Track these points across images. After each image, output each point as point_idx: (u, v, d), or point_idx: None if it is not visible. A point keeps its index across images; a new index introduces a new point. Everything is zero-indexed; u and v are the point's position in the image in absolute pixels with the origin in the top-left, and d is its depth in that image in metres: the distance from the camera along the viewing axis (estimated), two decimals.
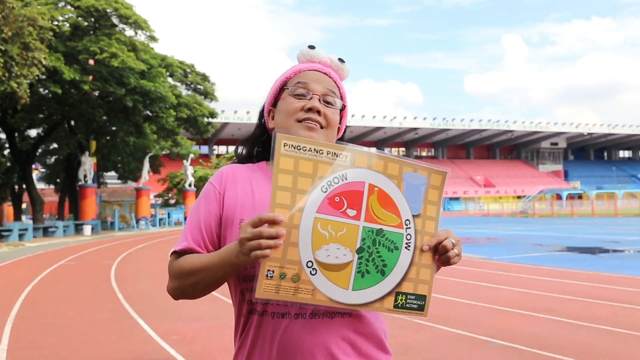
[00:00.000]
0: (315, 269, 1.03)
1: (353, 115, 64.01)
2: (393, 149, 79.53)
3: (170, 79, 32.92)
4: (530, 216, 40.67)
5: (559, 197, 60.10)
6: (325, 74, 1.31)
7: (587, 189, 66.40)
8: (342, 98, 1.33)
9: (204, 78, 36.00)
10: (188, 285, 1.20)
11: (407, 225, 1.12)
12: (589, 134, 75.25)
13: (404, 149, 79.12)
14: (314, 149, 1.06)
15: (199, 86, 35.94)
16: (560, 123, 74.29)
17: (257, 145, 1.37)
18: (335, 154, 1.07)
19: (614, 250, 13.65)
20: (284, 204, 1.02)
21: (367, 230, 1.07)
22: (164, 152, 37.45)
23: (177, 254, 1.25)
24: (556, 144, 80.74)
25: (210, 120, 36.57)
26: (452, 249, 1.15)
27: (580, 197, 59.70)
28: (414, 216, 1.13)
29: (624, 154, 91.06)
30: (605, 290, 7.52)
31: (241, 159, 1.38)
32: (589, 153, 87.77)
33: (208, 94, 36.10)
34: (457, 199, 67.84)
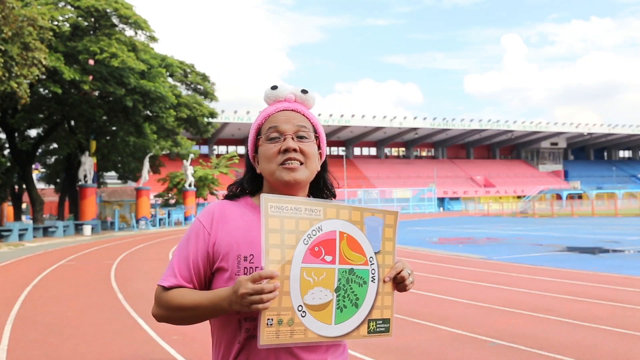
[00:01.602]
0: (305, 312, 1.20)
1: (353, 116, 64.02)
2: (393, 149, 79.58)
3: (170, 79, 32.93)
4: (530, 216, 40.66)
5: (559, 197, 60.12)
6: (293, 110, 1.40)
7: (587, 189, 66.42)
8: (314, 127, 1.42)
9: (204, 78, 36.00)
10: (175, 317, 1.34)
11: (371, 261, 1.31)
12: (589, 134, 75.25)
13: (404, 149, 79.13)
14: (294, 207, 1.23)
15: (199, 86, 35.95)
16: (560, 123, 74.27)
17: (251, 186, 1.47)
18: (311, 210, 1.25)
19: (614, 250, 13.65)
20: (275, 259, 1.18)
21: (341, 272, 1.26)
22: (164, 152, 37.43)
23: (165, 288, 1.35)
24: (556, 144, 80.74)
25: (210, 120, 36.57)
26: (408, 277, 1.37)
27: (580, 197, 59.72)
28: (375, 253, 1.32)
29: (624, 154, 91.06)
30: (605, 290, 7.52)
31: (231, 197, 1.48)
32: (589, 153, 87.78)
33: (208, 94, 36.11)
34: (457, 199, 67.84)
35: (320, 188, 1.49)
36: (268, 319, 1.16)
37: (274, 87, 1.42)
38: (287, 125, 1.37)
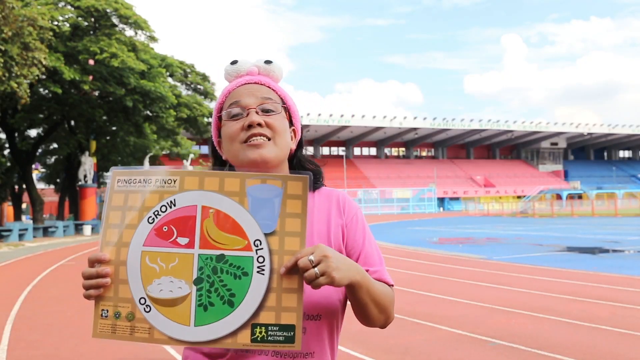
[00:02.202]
0: (149, 306, 0.98)
1: (353, 116, 63.99)
2: (393, 149, 79.57)
3: (170, 79, 32.92)
4: (530, 216, 40.66)
5: (559, 197, 60.10)
6: (256, 83, 1.23)
7: (587, 189, 66.39)
8: (283, 100, 1.25)
9: (204, 78, 36.00)
10: None
11: (257, 246, 0.99)
12: (589, 134, 75.23)
13: (404, 149, 79.12)
14: (144, 179, 1.02)
15: (199, 86, 35.94)
16: (560, 123, 74.26)
17: None
18: (164, 181, 1.02)
19: (614, 250, 13.65)
20: (112, 241, 1.01)
21: (204, 258, 0.99)
22: (164, 152, 37.46)
23: None
24: (556, 144, 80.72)
25: (211, 120, 36.53)
26: (311, 268, 0.98)
27: (580, 197, 59.70)
28: (266, 235, 1.00)
29: (624, 154, 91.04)
30: (605, 290, 7.52)
31: None
32: (589, 153, 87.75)
33: (208, 94, 36.10)
34: (457, 199, 67.83)
35: (303, 166, 1.30)
36: (102, 310, 1.00)
37: (234, 62, 1.26)
38: (249, 98, 1.20)
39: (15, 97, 19.25)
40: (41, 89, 25.43)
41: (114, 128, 30.93)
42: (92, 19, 25.45)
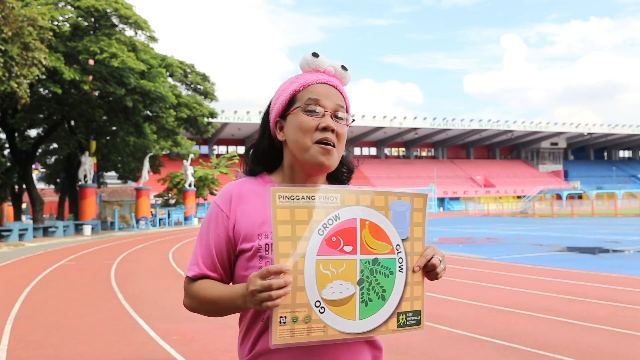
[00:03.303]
0: (324, 307, 1.12)
1: (353, 116, 63.90)
2: (393, 149, 79.55)
3: (170, 79, 32.93)
4: (530, 216, 40.66)
5: (559, 197, 60.12)
6: (332, 85, 1.31)
7: (587, 189, 66.41)
8: (347, 110, 1.34)
9: (204, 78, 36.01)
10: (201, 309, 1.31)
11: (397, 250, 1.21)
12: (589, 134, 75.23)
13: (404, 149, 79.11)
14: (307, 196, 1.15)
15: (199, 86, 35.95)
16: (560, 123, 74.25)
17: (268, 159, 1.38)
18: (326, 198, 1.17)
19: (614, 250, 13.65)
20: (286, 252, 1.11)
21: (364, 262, 1.17)
22: (164, 152, 37.43)
23: (191, 278, 1.32)
24: (556, 144, 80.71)
25: (210, 120, 36.57)
26: (439, 264, 1.26)
27: (580, 197, 59.72)
28: (403, 240, 1.22)
29: (624, 154, 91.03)
30: (605, 290, 7.52)
31: (250, 173, 1.39)
32: (589, 153, 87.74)
33: (208, 94, 36.11)
34: (457, 199, 67.83)
35: (340, 165, 1.38)
36: (281, 317, 1.10)
37: (316, 55, 1.32)
38: (327, 101, 1.27)
39: (15, 97, 19.24)
40: (41, 89, 25.42)
41: (114, 128, 30.91)
42: (92, 19, 25.45)
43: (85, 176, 29.63)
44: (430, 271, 1.25)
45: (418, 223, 1.25)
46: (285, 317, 1.10)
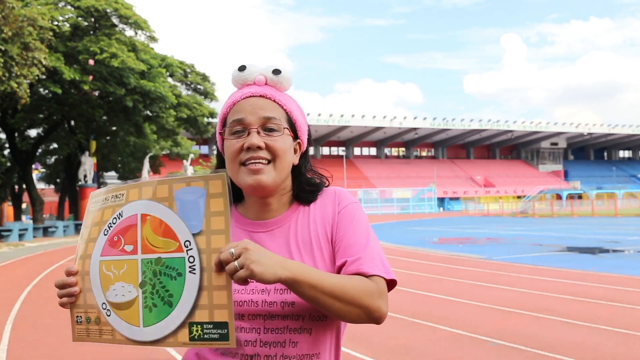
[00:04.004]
0: (109, 310, 1.07)
1: (353, 116, 64.00)
2: (393, 149, 79.56)
3: (170, 79, 32.93)
4: (530, 216, 40.65)
5: (559, 197, 60.09)
6: (261, 96, 1.19)
7: (587, 189, 66.37)
8: (289, 114, 1.21)
9: (204, 78, 36.00)
10: None
11: (187, 247, 1.02)
12: (589, 134, 75.24)
13: (404, 149, 79.13)
14: (104, 198, 1.13)
15: (199, 86, 35.95)
16: (560, 123, 74.25)
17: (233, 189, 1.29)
18: (116, 196, 1.11)
19: (614, 250, 13.65)
20: (79, 254, 1.14)
21: (145, 262, 1.04)
22: (164, 152, 37.46)
23: None
24: (556, 144, 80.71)
25: (210, 120, 36.58)
26: (232, 260, 0.96)
27: (580, 197, 59.68)
28: (194, 235, 1.02)
29: (624, 154, 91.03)
30: (605, 290, 7.52)
31: None
32: (589, 153, 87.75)
33: (208, 94, 36.10)
34: (457, 199, 67.82)
35: (300, 184, 1.24)
36: (77, 316, 1.11)
37: (242, 68, 1.21)
38: (251, 116, 1.16)
39: (15, 97, 19.25)
40: (41, 89, 25.43)
41: (114, 128, 30.94)
42: (92, 19, 25.47)
43: (85, 176, 29.63)
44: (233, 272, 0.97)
45: (217, 212, 1.02)
46: (81, 317, 1.11)
